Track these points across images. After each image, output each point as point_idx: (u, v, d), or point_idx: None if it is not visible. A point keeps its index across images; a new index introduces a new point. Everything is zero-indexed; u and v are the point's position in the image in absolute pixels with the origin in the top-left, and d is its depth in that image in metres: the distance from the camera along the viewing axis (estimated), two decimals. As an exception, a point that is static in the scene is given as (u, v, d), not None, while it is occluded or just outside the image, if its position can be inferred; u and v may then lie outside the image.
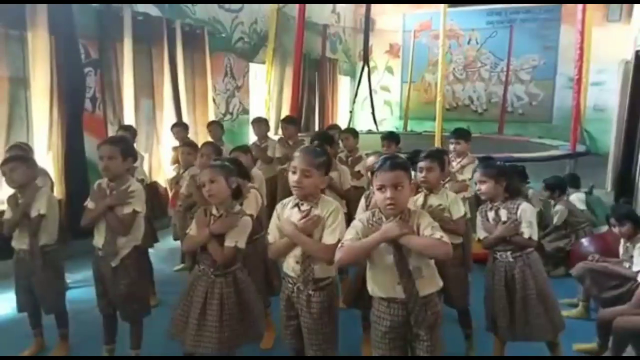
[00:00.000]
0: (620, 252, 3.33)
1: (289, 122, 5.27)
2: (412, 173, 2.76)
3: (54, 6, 4.42)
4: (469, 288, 2.99)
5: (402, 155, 2.35)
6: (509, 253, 2.66)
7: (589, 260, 3.46)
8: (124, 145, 2.69)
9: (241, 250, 2.34)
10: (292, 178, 2.13)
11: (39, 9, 4.33)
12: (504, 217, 2.68)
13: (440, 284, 2.04)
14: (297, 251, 2.15)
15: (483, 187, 2.72)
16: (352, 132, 4.66)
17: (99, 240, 2.64)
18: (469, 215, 2.98)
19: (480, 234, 2.80)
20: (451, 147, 4.18)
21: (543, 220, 4.61)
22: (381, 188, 1.93)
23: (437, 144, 5.27)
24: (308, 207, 2.14)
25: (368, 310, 2.90)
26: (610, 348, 2.89)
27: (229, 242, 2.31)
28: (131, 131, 4.43)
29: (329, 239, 2.10)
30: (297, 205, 2.18)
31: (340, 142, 4.45)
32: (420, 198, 2.82)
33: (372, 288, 2.04)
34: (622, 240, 3.30)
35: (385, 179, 1.91)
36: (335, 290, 2.25)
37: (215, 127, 5.36)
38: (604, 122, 9.15)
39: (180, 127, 5.17)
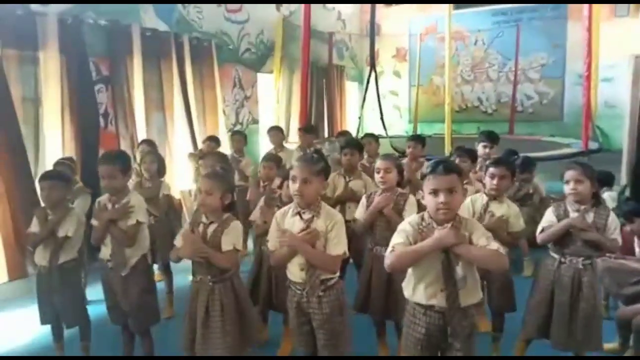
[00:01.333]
0: (637, 251, 3.29)
1: (306, 131, 5.32)
2: (488, 180, 2.79)
3: (64, 26, 4.52)
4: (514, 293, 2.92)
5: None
6: (580, 259, 2.51)
7: (606, 258, 3.42)
8: (122, 162, 2.73)
9: (239, 252, 2.38)
10: (293, 187, 2.15)
11: (50, 29, 4.43)
12: (589, 221, 2.50)
13: (481, 295, 1.99)
14: (300, 259, 2.16)
15: (580, 187, 2.47)
16: (374, 137, 4.69)
17: (106, 252, 2.69)
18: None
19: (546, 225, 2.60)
20: (480, 151, 4.02)
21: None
22: (433, 192, 1.86)
23: (447, 146, 5.26)
24: (310, 215, 2.16)
25: (379, 316, 2.92)
26: (631, 347, 2.85)
27: (226, 246, 2.33)
28: (152, 145, 4.49)
29: (334, 250, 2.11)
30: (298, 213, 2.19)
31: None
32: (480, 200, 2.81)
33: (411, 293, 1.98)
34: (635, 238, 3.26)
35: (438, 183, 1.85)
36: (343, 288, 2.26)
37: (238, 137, 5.41)
38: (616, 118, 9.02)
39: (212, 141, 5.18)
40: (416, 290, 1.95)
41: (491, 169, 2.81)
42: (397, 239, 1.93)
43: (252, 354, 2.63)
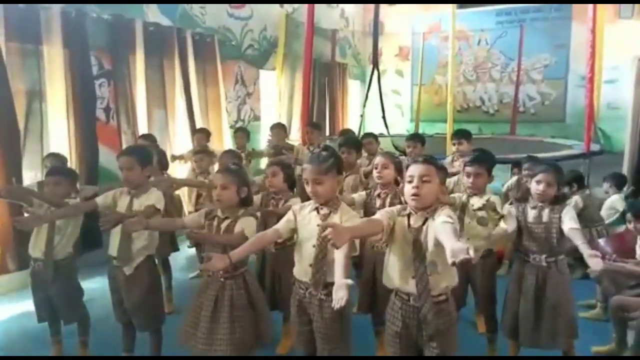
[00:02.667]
0: (637, 252, 3.29)
1: (313, 127, 5.37)
2: (465, 178, 2.83)
3: (67, 19, 4.51)
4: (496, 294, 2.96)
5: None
6: (543, 257, 2.57)
7: (606, 261, 3.42)
8: (142, 154, 2.73)
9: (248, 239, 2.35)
10: (307, 189, 2.17)
11: (54, 22, 4.42)
12: (545, 219, 2.59)
13: (456, 280, 2.00)
14: (310, 257, 2.16)
15: (549, 190, 2.57)
16: (374, 137, 4.73)
17: (113, 248, 2.68)
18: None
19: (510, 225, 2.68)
20: (453, 148, 4.32)
21: None
22: (410, 180, 1.96)
23: (449, 145, 5.26)
24: (327, 211, 2.17)
25: (379, 315, 2.93)
26: (631, 347, 2.85)
27: (237, 229, 2.33)
28: (151, 139, 4.49)
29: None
30: (316, 209, 2.20)
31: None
32: (463, 197, 2.87)
33: (388, 279, 2.04)
34: (638, 239, 3.26)
35: (413, 170, 1.96)
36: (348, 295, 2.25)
37: (241, 134, 5.49)
38: (619, 119, 9.00)
39: (201, 134, 5.23)
40: (392, 276, 2.02)
41: (467, 168, 2.86)
42: (382, 211, 2.04)
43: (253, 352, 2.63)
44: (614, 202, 4.69)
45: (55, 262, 2.81)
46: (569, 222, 2.47)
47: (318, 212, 2.18)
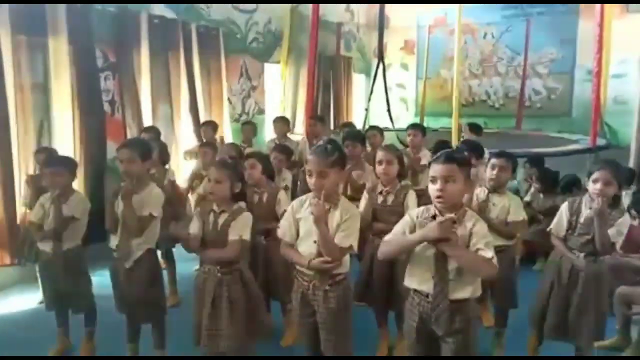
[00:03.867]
0: (643, 246, 3.27)
1: (319, 120, 5.37)
2: (488, 170, 2.81)
3: (73, 12, 4.50)
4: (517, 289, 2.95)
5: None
6: (582, 255, 2.54)
7: (612, 256, 3.41)
8: (143, 147, 2.72)
9: (246, 243, 2.37)
10: (310, 181, 2.13)
11: (59, 15, 4.42)
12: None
13: (478, 293, 1.96)
14: (312, 249, 2.16)
15: (608, 190, 2.44)
16: (378, 130, 4.72)
17: (114, 241, 2.69)
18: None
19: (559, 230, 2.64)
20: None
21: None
22: (432, 180, 1.90)
23: (454, 140, 5.23)
24: (327, 206, 2.14)
25: (379, 306, 2.94)
26: (635, 342, 2.85)
27: (233, 236, 2.34)
28: (154, 132, 4.49)
29: (342, 241, 2.10)
30: None
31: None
32: (482, 194, 2.85)
33: (408, 279, 2.02)
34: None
35: (436, 170, 1.89)
36: (350, 286, 2.26)
37: (248, 128, 5.50)
38: (626, 114, 8.90)
39: (209, 127, 5.22)
40: (412, 276, 1.99)
41: (492, 160, 2.84)
42: (395, 228, 2.01)
43: (273, 349, 2.62)
44: (625, 198, 4.65)
45: (64, 253, 2.83)
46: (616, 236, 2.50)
47: None
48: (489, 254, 1.83)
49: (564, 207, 2.63)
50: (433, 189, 1.89)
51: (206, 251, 2.41)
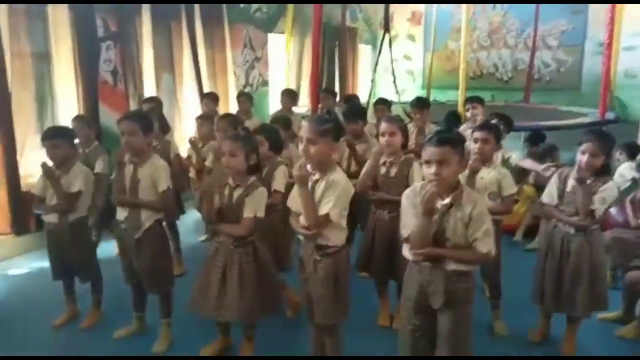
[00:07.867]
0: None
1: (327, 92, 5.31)
2: (472, 144, 2.77)
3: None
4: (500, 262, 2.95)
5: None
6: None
7: (616, 230, 3.40)
8: (144, 120, 2.68)
9: (260, 219, 2.38)
10: (300, 147, 2.15)
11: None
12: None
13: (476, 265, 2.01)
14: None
15: (595, 161, 2.46)
16: (386, 103, 4.64)
17: (122, 213, 2.69)
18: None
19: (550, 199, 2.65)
20: (468, 114, 4.30)
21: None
22: (426, 163, 1.90)
23: (462, 112, 5.17)
24: (316, 176, 2.15)
25: (380, 277, 2.95)
26: (638, 317, 2.86)
27: (248, 213, 2.35)
28: (156, 102, 4.43)
29: (320, 208, 2.10)
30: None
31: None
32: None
33: (407, 250, 2.02)
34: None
35: (430, 154, 1.88)
36: (344, 259, 2.25)
37: (244, 99, 5.37)
38: (636, 88, 8.80)
39: (209, 99, 5.15)
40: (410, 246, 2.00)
41: (475, 133, 2.80)
42: (405, 220, 2.00)
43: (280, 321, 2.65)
44: (622, 170, 4.62)
45: (70, 223, 2.85)
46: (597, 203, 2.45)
47: (311, 179, 2.15)
48: (486, 247, 1.86)
49: (554, 177, 2.67)
50: (427, 172, 1.89)
51: (220, 225, 2.41)
